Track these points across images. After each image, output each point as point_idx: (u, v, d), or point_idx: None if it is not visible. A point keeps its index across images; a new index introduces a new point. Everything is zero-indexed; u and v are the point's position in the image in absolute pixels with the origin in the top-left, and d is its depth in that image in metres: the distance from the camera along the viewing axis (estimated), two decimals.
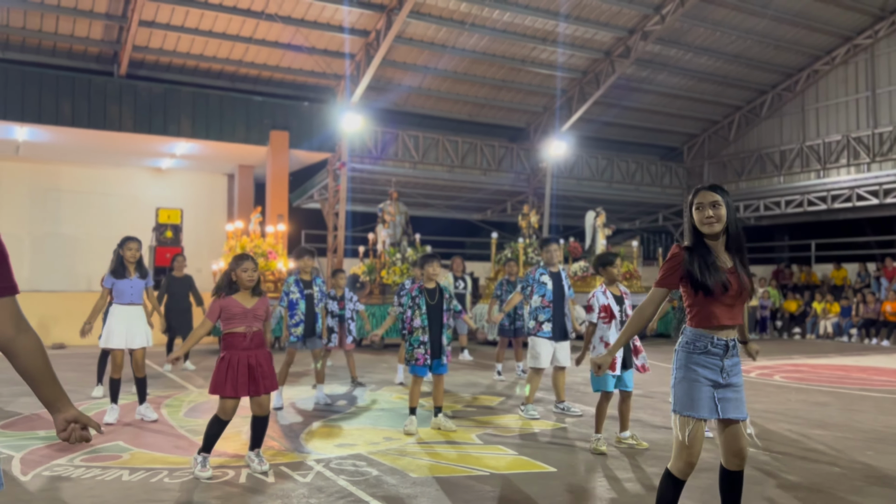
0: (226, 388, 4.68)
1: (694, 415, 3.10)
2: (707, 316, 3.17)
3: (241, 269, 4.79)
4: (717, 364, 3.16)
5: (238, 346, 4.75)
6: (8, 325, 1.92)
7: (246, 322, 4.77)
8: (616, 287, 5.84)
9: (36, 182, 16.91)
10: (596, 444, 5.51)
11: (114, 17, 14.42)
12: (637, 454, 5.47)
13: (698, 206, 3.24)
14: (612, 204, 21.70)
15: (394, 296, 8.98)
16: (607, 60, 18.16)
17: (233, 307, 4.75)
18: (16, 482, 4.59)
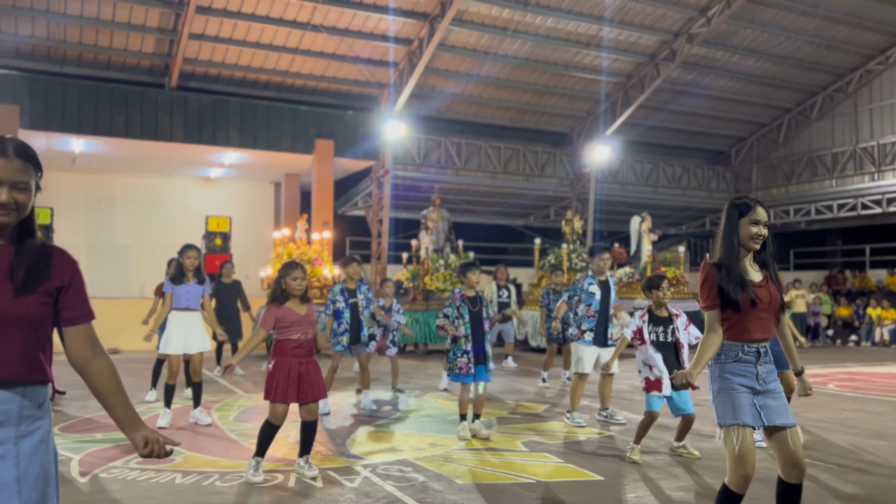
0: (277, 393, 4.77)
1: (738, 422, 3.05)
2: (739, 330, 3.15)
3: (291, 278, 4.89)
4: (751, 371, 3.12)
5: (290, 352, 4.83)
6: (85, 349, 2.05)
7: (301, 329, 4.87)
8: (663, 309, 5.71)
9: (91, 192, 17.46)
10: (631, 453, 5.45)
11: (165, 31, 14.85)
12: (687, 463, 5.39)
13: (755, 221, 3.18)
14: (657, 209, 21.42)
15: (440, 303, 9.00)
16: (652, 64, 17.97)
17: (289, 315, 4.85)
18: (74, 483, 4.75)
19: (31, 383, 1.95)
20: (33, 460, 1.93)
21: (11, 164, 1.93)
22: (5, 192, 1.90)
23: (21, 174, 1.94)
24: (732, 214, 3.22)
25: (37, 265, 1.96)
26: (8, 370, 1.90)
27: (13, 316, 1.91)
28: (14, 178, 1.92)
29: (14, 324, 1.91)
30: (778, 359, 5.88)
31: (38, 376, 1.96)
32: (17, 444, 1.91)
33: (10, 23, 14.04)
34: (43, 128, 14.12)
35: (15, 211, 1.93)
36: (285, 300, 4.91)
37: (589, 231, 18.59)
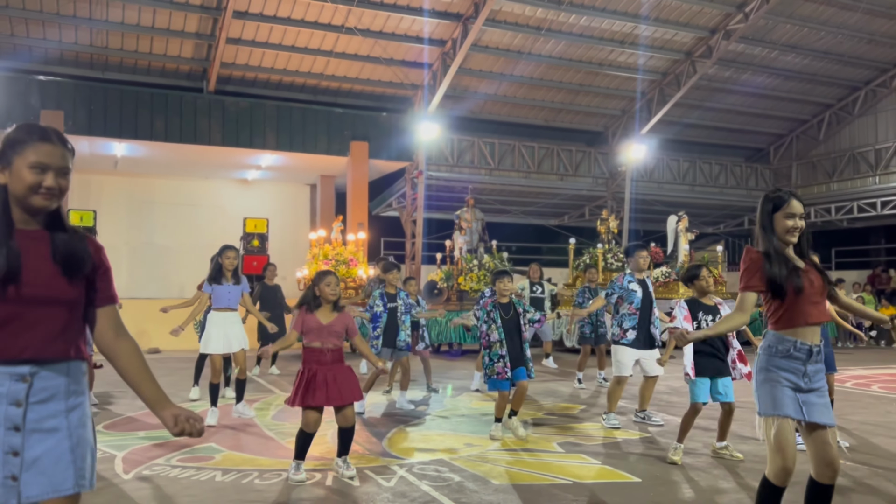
0: (304, 399, 4.80)
1: (779, 413, 3.01)
2: (789, 319, 3.10)
3: (325, 284, 4.95)
4: (800, 369, 3.07)
5: (314, 360, 4.88)
6: (109, 330, 2.15)
7: (321, 338, 4.88)
8: (709, 298, 5.66)
9: (132, 194, 17.83)
10: (672, 454, 5.39)
11: (203, 36, 15.10)
12: (730, 466, 5.32)
13: (790, 215, 3.14)
14: (694, 207, 21.13)
15: (474, 303, 8.99)
16: (688, 61, 17.74)
17: (310, 322, 4.90)
18: (118, 480, 4.86)
19: (73, 360, 2.05)
20: (82, 431, 2.04)
21: (56, 150, 2.03)
22: (51, 177, 2.00)
23: (64, 160, 2.04)
24: (766, 208, 3.19)
25: (76, 249, 2.06)
26: (55, 349, 2.00)
27: (57, 298, 2.01)
28: (59, 164, 2.03)
29: (58, 305, 2.01)
30: (827, 361, 5.77)
31: (78, 353, 2.07)
32: (68, 416, 2.00)
33: (54, 30, 14.42)
34: (86, 132, 14.47)
35: (57, 196, 2.03)
36: (317, 307, 4.96)
37: (624, 231, 18.41)
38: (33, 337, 1.97)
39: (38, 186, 1.99)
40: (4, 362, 1.95)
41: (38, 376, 1.97)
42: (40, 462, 1.94)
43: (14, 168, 2.00)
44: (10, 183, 2.00)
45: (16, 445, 1.92)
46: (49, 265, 2.01)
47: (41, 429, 1.96)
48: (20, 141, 2.01)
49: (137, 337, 9.52)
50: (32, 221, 2.05)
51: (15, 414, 1.93)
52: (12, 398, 1.94)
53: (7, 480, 1.90)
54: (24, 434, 1.94)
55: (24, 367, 1.96)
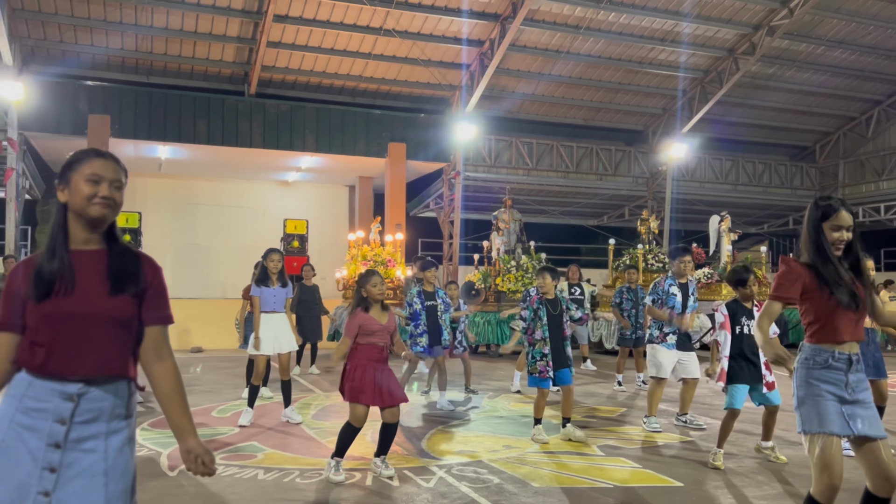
0: (361, 396, 4.85)
1: (823, 430, 2.92)
2: (830, 332, 3.01)
3: (371, 285, 4.99)
4: (841, 379, 2.97)
5: (370, 356, 4.92)
6: (150, 351, 2.18)
7: (383, 338, 4.96)
8: (751, 302, 5.56)
9: (176, 196, 18.20)
10: (713, 459, 5.30)
11: (244, 40, 15.34)
12: (772, 470, 5.21)
13: (837, 227, 3.05)
14: (737, 207, 20.76)
15: (511, 304, 8.97)
16: (730, 58, 17.44)
17: (372, 325, 4.94)
18: (164, 477, 4.96)
19: (122, 379, 2.09)
20: (120, 456, 2.05)
21: (109, 164, 2.14)
22: (106, 187, 2.09)
23: (117, 174, 2.14)
24: (814, 216, 3.09)
25: (129, 268, 2.12)
26: (105, 366, 2.04)
27: (110, 315, 2.05)
28: (113, 176, 2.12)
29: (110, 322, 2.06)
30: (877, 366, 5.61)
31: (127, 372, 2.10)
32: (107, 439, 2.03)
33: (101, 37, 14.79)
34: (131, 136, 14.83)
35: (113, 207, 2.11)
36: (368, 308, 5.00)
37: (665, 231, 18.17)
38: (86, 353, 2.02)
39: (94, 196, 2.08)
40: (56, 379, 2.00)
41: (86, 397, 2.02)
42: (74, 482, 1.98)
43: (72, 183, 2.09)
44: (69, 199, 2.10)
45: (54, 462, 1.96)
46: (104, 284, 2.07)
47: (80, 449, 2.00)
48: (76, 161, 2.13)
49: (180, 336, 9.83)
50: (91, 241, 2.12)
51: (58, 431, 1.98)
52: (58, 415, 1.98)
53: (39, 496, 1.94)
54: (63, 452, 1.98)
55: (73, 387, 2.00)
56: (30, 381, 2.01)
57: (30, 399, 1.99)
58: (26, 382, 2.01)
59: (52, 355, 2.00)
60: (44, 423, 1.97)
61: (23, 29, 14.28)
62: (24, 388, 2.01)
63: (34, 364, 2.01)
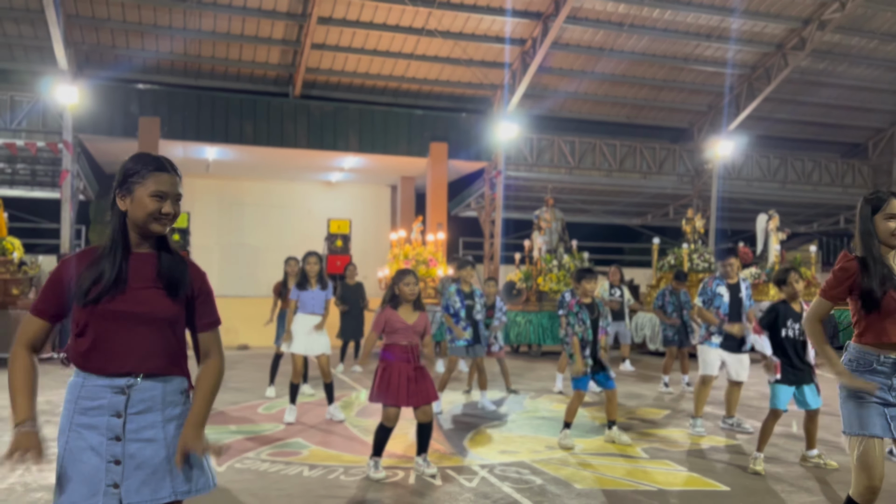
0: (387, 397, 4.90)
1: (864, 433, 2.87)
2: (878, 333, 2.94)
3: (404, 283, 5.02)
4: (885, 382, 2.92)
5: (397, 355, 4.96)
6: (202, 353, 2.29)
7: (407, 337, 4.98)
8: (798, 303, 5.44)
9: (223, 197, 18.58)
10: (753, 464, 5.20)
11: (289, 42, 15.57)
12: (823, 475, 5.10)
13: (890, 215, 2.99)
14: (786, 206, 20.29)
15: (556, 305, 8.93)
16: (779, 54, 17.05)
17: (396, 322, 4.98)
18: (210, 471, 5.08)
19: (171, 375, 2.17)
20: (178, 441, 2.13)
21: (172, 178, 2.19)
22: (169, 204, 2.16)
23: (178, 188, 2.20)
24: (865, 212, 3.05)
25: (178, 272, 2.19)
26: (153, 364, 2.12)
27: (159, 316, 2.13)
28: (175, 192, 2.19)
29: (159, 323, 2.14)
30: None
31: (176, 370, 2.18)
32: (164, 427, 2.12)
33: (151, 41, 15.17)
34: (180, 137, 15.19)
35: (171, 221, 2.19)
36: (397, 305, 5.04)
37: (711, 230, 17.86)
38: (135, 352, 2.10)
39: (158, 213, 2.14)
40: (105, 375, 2.08)
41: (135, 388, 2.09)
42: (139, 471, 2.06)
43: (136, 196, 2.14)
44: (130, 210, 2.15)
45: (117, 454, 2.05)
46: (153, 285, 2.15)
47: (139, 439, 2.08)
48: (139, 171, 2.16)
49: (226, 334, 9.89)
50: (144, 245, 2.20)
51: (116, 424, 2.06)
52: (113, 409, 2.07)
53: (109, 489, 2.02)
54: (124, 444, 2.06)
55: (121, 380, 2.08)
56: (82, 383, 2.10)
57: (84, 399, 2.08)
58: (79, 384, 2.10)
59: (98, 352, 2.08)
60: (101, 418, 2.06)
61: (77, 34, 14.73)
62: (78, 390, 2.09)
63: (81, 360, 2.09)
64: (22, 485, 4.66)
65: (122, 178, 2.18)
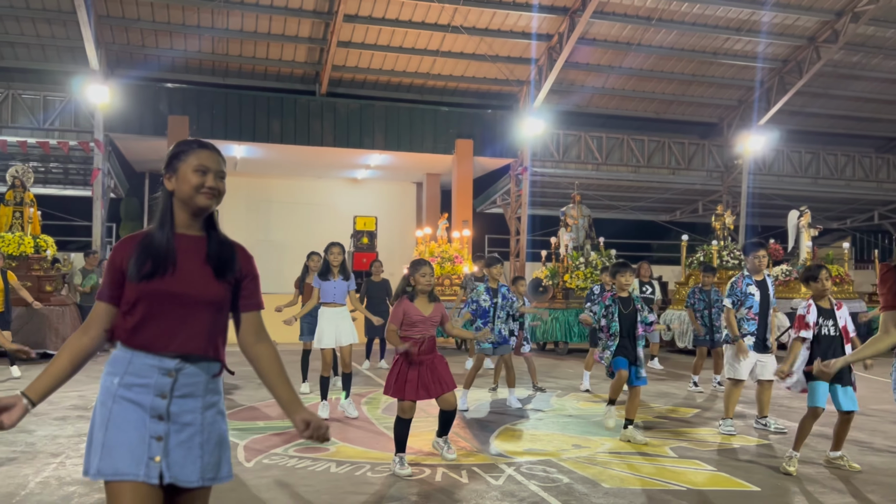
0: (399, 390, 4.90)
1: None
2: None
3: (420, 274, 4.99)
4: None
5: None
6: (251, 334, 2.30)
7: (424, 329, 4.97)
8: (826, 300, 5.34)
9: (251, 194, 18.75)
10: (786, 464, 5.11)
11: (315, 41, 15.64)
12: (851, 477, 5.00)
13: None
14: (818, 202, 19.94)
15: (583, 301, 8.88)
16: (811, 47, 16.74)
17: (413, 314, 4.96)
18: (240, 468, 5.13)
19: (212, 359, 2.19)
20: (213, 428, 2.17)
21: (214, 155, 2.25)
22: (212, 178, 2.22)
23: (221, 165, 2.27)
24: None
25: (227, 255, 2.25)
26: (197, 345, 2.15)
27: (207, 299, 2.17)
28: (217, 167, 2.25)
29: (206, 306, 2.17)
30: None
31: (217, 354, 2.21)
32: (203, 413, 2.15)
33: (180, 40, 15.34)
34: (208, 135, 15.33)
35: (217, 197, 2.24)
36: (413, 297, 5.02)
37: (741, 226, 17.64)
38: (180, 332, 2.13)
39: (202, 186, 2.20)
40: (153, 354, 2.11)
41: (183, 372, 2.13)
42: (174, 452, 2.09)
43: (180, 173, 2.21)
44: (176, 188, 2.22)
45: (159, 431, 2.08)
46: (202, 267, 2.19)
47: (179, 421, 2.11)
48: (183, 151, 2.24)
49: None
50: (193, 226, 2.25)
51: (160, 405, 2.09)
52: (159, 390, 2.10)
53: (151, 461, 2.06)
54: (167, 424, 2.09)
55: (170, 362, 2.11)
56: (129, 359, 2.11)
57: (131, 375, 2.10)
58: (126, 360, 2.12)
59: (145, 330, 2.11)
60: (146, 397, 2.09)
61: (108, 35, 14.95)
62: (125, 365, 2.11)
63: (127, 336, 2.12)
64: (56, 479, 4.75)
65: (168, 160, 2.24)
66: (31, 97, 15.22)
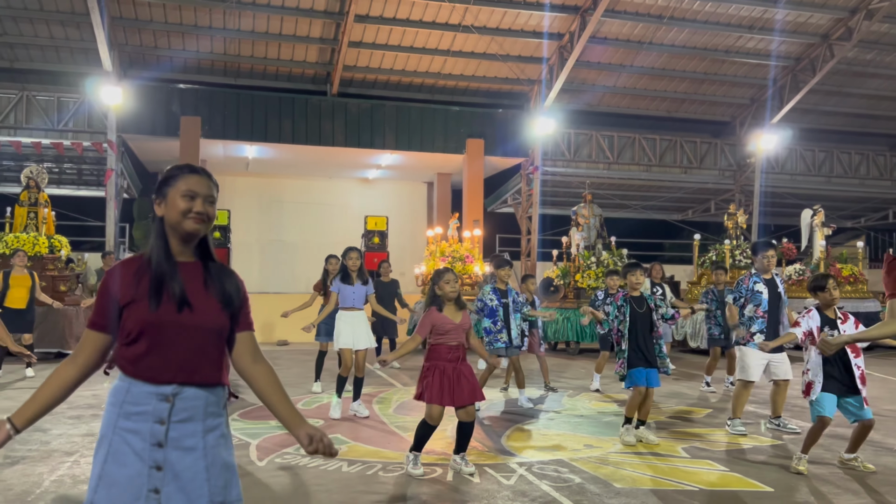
0: (433, 395, 4.90)
1: None
2: None
3: (444, 282, 5.01)
4: None
5: (444, 357, 4.96)
6: (246, 354, 2.27)
7: (457, 337, 4.98)
8: (832, 310, 5.29)
9: (263, 194, 18.83)
10: (796, 463, 5.08)
11: (326, 41, 15.69)
12: (866, 477, 4.96)
13: None
14: (831, 200, 19.81)
15: (588, 302, 8.85)
16: (824, 45, 16.62)
17: (445, 324, 4.97)
18: (253, 467, 5.15)
19: (214, 385, 2.18)
20: (217, 451, 2.14)
21: (203, 180, 2.23)
22: (200, 203, 2.18)
23: (210, 190, 2.23)
24: None
25: (226, 282, 2.21)
26: (200, 374, 2.13)
27: (209, 327, 2.14)
28: (206, 192, 2.21)
29: (207, 334, 2.14)
30: None
31: (219, 379, 2.19)
32: (204, 437, 2.12)
33: (192, 41, 15.43)
34: (220, 136, 15.43)
35: (205, 222, 2.20)
36: (441, 306, 5.03)
37: (754, 225, 17.54)
38: (184, 360, 2.11)
39: (189, 211, 2.17)
40: (151, 382, 2.10)
41: (180, 397, 2.10)
42: (179, 478, 2.07)
43: (169, 198, 2.19)
44: (165, 213, 2.20)
45: (159, 460, 2.06)
46: (205, 295, 2.17)
47: (180, 447, 2.09)
48: (172, 176, 2.23)
49: (266, 330, 10.11)
50: (185, 252, 2.22)
51: (159, 431, 2.07)
52: (157, 416, 2.08)
53: (150, 493, 2.04)
54: (165, 450, 2.07)
55: (167, 388, 2.10)
56: (127, 388, 2.10)
57: (129, 404, 2.09)
58: (124, 389, 2.11)
59: (148, 359, 2.09)
60: (144, 424, 2.07)
61: (121, 36, 15.05)
62: (123, 394, 2.10)
63: (130, 367, 2.10)
64: (70, 477, 4.79)
65: (158, 186, 2.24)
66: (45, 98, 15.35)
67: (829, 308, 5.28)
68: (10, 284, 9.67)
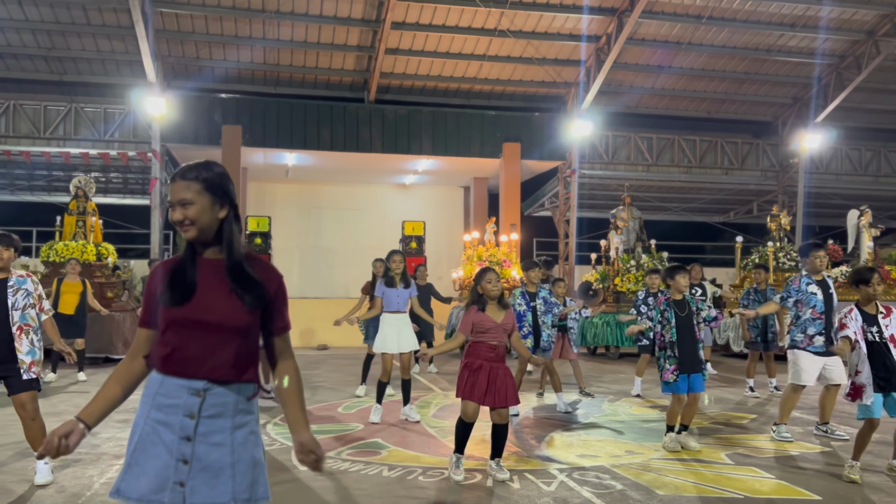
0: (466, 391, 4.92)
1: None
2: None
3: (486, 281, 5.03)
4: None
5: (483, 355, 4.97)
6: (276, 354, 2.31)
7: (497, 336, 4.99)
8: (872, 305, 5.15)
9: (302, 201, 19.07)
10: (849, 472, 4.95)
11: (363, 48, 15.84)
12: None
13: None
14: (879, 201, 19.27)
15: (631, 305, 8.75)
16: (870, 41, 16.21)
17: (486, 322, 4.99)
18: (295, 471, 5.22)
19: (244, 382, 2.19)
20: (245, 449, 2.17)
21: (178, 186, 2.18)
22: (178, 212, 2.17)
23: (185, 192, 2.16)
24: None
25: (249, 279, 2.18)
26: (223, 372, 2.15)
27: (230, 325, 2.15)
28: (178, 198, 2.17)
29: (231, 332, 2.16)
30: None
31: (247, 377, 2.20)
32: (233, 433, 2.15)
33: (233, 51, 15.72)
34: (261, 144, 15.68)
35: (192, 225, 2.17)
36: (484, 305, 5.05)
37: (798, 227, 17.18)
38: (208, 358, 2.14)
39: (176, 222, 2.19)
40: (183, 377, 2.14)
41: (211, 392, 2.14)
42: (204, 473, 2.11)
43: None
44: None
45: (186, 454, 2.10)
46: (227, 293, 2.17)
47: (208, 442, 2.12)
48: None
49: (306, 334, 10.25)
50: (212, 251, 2.22)
51: (188, 425, 2.11)
52: (187, 410, 2.12)
53: (175, 486, 2.08)
54: (193, 444, 2.11)
55: (199, 383, 2.13)
56: (161, 380, 2.15)
57: (162, 396, 2.14)
58: (158, 381, 2.16)
59: (174, 356, 2.13)
60: (175, 417, 2.11)
61: (164, 48, 15.40)
62: (157, 386, 2.16)
63: (159, 362, 2.16)
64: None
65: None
66: (92, 110, 15.79)
67: (869, 303, 5.15)
68: (63, 291, 10.02)
